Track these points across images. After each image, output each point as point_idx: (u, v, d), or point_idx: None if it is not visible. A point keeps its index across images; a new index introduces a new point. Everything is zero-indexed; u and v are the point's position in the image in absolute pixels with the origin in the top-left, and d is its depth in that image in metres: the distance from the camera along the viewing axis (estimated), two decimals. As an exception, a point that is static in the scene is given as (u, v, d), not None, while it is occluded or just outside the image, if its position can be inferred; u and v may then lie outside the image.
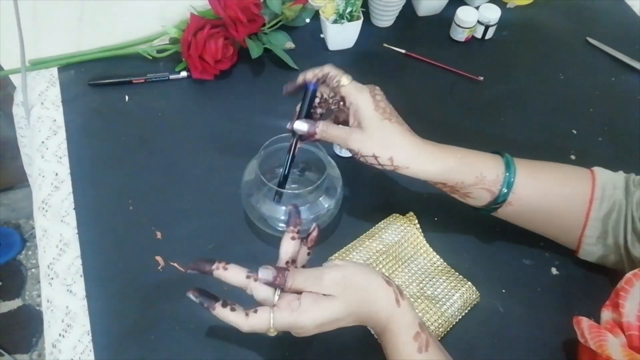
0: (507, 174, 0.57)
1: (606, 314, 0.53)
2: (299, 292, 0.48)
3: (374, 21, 0.92)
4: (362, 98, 0.55)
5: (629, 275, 0.51)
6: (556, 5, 0.97)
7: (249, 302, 0.50)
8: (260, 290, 0.48)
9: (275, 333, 0.48)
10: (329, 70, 0.57)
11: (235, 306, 0.49)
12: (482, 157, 0.58)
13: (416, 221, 0.67)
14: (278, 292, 0.48)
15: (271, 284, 0.48)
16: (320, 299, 0.47)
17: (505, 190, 0.57)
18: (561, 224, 0.60)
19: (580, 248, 0.61)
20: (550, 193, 0.58)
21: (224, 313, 0.49)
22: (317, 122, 0.57)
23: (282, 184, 0.59)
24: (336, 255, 0.64)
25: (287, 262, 0.52)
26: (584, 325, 0.53)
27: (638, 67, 0.87)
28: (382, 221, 0.67)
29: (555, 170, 0.60)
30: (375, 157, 0.55)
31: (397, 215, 0.68)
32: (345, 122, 0.58)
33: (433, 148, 0.56)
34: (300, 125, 0.57)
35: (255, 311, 0.48)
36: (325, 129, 0.56)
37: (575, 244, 0.62)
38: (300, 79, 0.58)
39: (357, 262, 0.56)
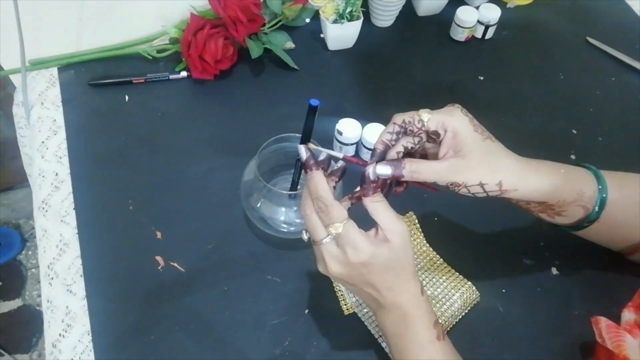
0: (600, 187, 0.53)
1: (627, 314, 0.53)
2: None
3: (374, 21, 0.92)
4: (457, 122, 0.47)
5: None
6: (556, 5, 0.97)
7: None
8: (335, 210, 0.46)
9: (332, 236, 0.47)
10: (401, 118, 0.49)
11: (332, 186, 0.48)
12: (580, 173, 0.54)
13: (416, 221, 0.67)
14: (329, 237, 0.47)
15: (389, 176, 0.47)
16: (382, 242, 0.47)
17: (598, 208, 0.54)
18: (632, 234, 0.57)
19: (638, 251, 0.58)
20: (634, 207, 0.55)
21: (319, 176, 0.48)
22: (402, 161, 0.47)
23: (292, 188, 0.59)
24: None
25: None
26: (602, 325, 0.53)
27: (638, 67, 0.87)
28: None
29: (635, 183, 0.56)
30: (482, 185, 0.48)
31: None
32: (424, 156, 0.52)
33: (538, 165, 0.51)
34: (383, 170, 0.47)
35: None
36: (415, 169, 0.47)
37: (633, 249, 0.59)
38: (378, 144, 0.50)
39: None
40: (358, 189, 0.48)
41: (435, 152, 0.50)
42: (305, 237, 0.50)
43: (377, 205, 0.47)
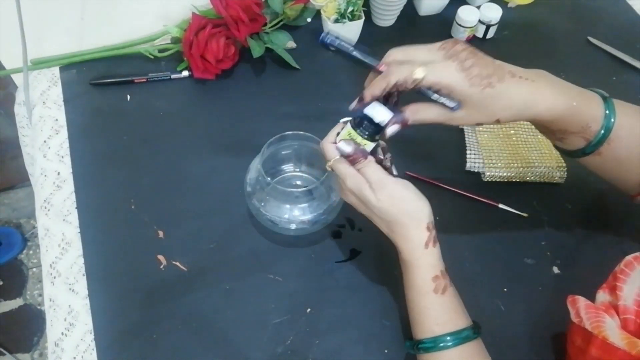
0: (605, 122, 0.53)
1: (602, 295, 0.53)
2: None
3: (375, 21, 0.92)
4: (450, 81, 0.49)
5: (629, 258, 0.51)
6: (557, 4, 0.97)
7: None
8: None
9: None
10: (396, 77, 0.50)
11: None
12: (591, 106, 0.53)
13: None
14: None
15: (348, 157, 0.53)
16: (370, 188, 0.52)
17: (594, 143, 0.53)
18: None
19: None
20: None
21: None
22: (404, 109, 0.52)
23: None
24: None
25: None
26: (580, 304, 0.52)
27: (639, 67, 0.87)
28: None
29: None
30: (480, 124, 0.53)
31: None
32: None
33: (546, 93, 0.52)
34: (382, 115, 0.52)
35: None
36: (415, 114, 0.52)
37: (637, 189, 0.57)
38: (367, 95, 0.52)
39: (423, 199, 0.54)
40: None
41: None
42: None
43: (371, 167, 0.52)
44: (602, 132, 0.53)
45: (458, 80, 0.49)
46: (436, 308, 0.52)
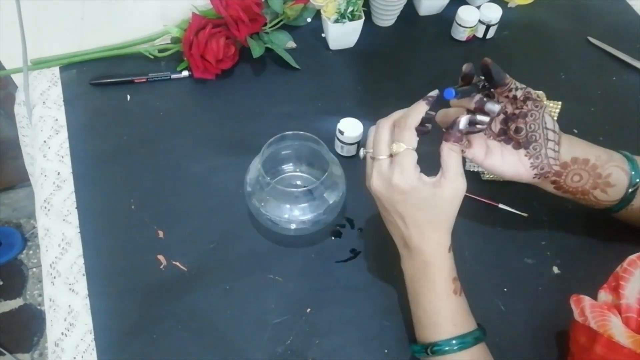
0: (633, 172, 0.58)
1: (603, 295, 0.53)
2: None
3: (375, 21, 0.92)
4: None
5: (632, 257, 0.51)
6: (557, 4, 0.97)
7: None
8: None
9: (392, 153, 0.50)
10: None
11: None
12: (615, 154, 0.59)
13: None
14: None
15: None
16: (430, 184, 0.50)
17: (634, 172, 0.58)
18: None
19: None
20: None
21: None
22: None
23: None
24: None
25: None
26: (585, 303, 0.52)
27: (639, 67, 0.87)
28: None
29: None
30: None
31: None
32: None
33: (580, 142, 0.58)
34: (493, 107, 0.52)
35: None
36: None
37: None
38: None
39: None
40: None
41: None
42: (361, 154, 0.55)
43: (451, 153, 0.50)
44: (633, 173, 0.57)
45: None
46: (454, 309, 0.52)
